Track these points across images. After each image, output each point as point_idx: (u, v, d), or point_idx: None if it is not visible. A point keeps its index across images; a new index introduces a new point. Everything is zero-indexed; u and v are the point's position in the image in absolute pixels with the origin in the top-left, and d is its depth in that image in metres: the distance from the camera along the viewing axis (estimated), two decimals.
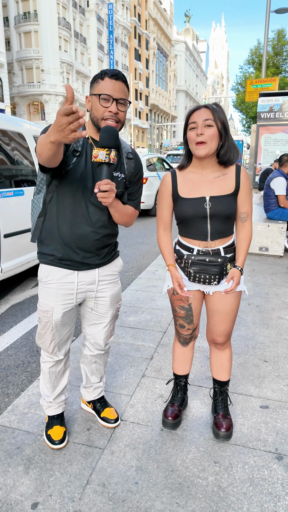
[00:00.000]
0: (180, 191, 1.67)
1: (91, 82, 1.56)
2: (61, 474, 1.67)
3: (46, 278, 1.68)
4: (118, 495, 1.57)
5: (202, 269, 1.68)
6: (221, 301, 1.77)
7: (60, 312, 1.69)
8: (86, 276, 1.70)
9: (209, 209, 1.61)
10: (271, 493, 1.59)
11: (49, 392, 1.85)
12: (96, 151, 1.42)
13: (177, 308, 1.85)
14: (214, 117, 1.53)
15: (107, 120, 1.48)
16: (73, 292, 1.70)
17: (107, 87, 1.46)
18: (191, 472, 1.69)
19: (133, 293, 3.90)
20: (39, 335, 1.77)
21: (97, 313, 1.81)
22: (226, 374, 1.93)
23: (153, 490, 1.60)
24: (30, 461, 1.74)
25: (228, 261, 1.70)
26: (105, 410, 1.98)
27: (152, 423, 1.99)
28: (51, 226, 1.63)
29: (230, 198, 1.62)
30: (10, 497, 1.56)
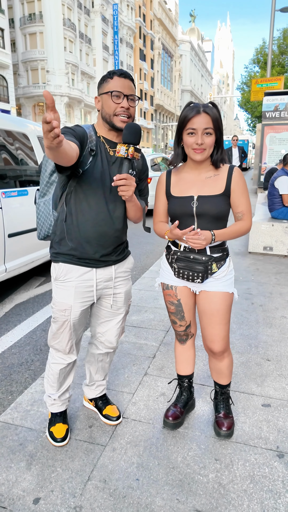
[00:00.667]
0: (172, 190, 1.72)
1: (99, 83, 1.60)
2: (62, 470, 1.69)
3: (64, 277, 1.68)
4: (119, 491, 1.58)
5: (186, 265, 1.70)
6: (207, 301, 1.74)
7: (78, 310, 1.71)
8: (104, 273, 1.72)
9: (195, 207, 1.63)
10: (271, 490, 1.59)
11: (54, 390, 1.86)
12: (119, 147, 1.46)
13: (168, 304, 1.86)
14: (214, 125, 1.55)
15: (119, 115, 1.54)
16: (93, 289, 1.71)
17: (117, 85, 1.52)
18: (192, 469, 1.70)
19: (136, 292, 3.91)
20: (55, 335, 1.75)
21: (111, 310, 1.82)
22: (226, 379, 1.90)
23: (153, 487, 1.61)
24: (32, 457, 1.76)
25: (214, 260, 1.69)
26: (107, 408, 2.00)
27: (154, 420, 2.00)
28: (70, 226, 1.64)
29: (219, 199, 1.63)
30: (12, 492, 1.58)
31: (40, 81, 34.64)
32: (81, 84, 36.70)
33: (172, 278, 1.80)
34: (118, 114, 1.53)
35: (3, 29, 27.75)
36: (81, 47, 37.22)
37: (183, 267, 1.72)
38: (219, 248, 1.71)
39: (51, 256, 1.73)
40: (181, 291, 1.80)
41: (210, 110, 1.55)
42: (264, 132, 11.48)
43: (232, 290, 1.76)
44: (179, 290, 1.80)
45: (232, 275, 1.76)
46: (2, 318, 3.48)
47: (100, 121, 1.61)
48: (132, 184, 1.47)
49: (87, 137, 1.57)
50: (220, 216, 1.65)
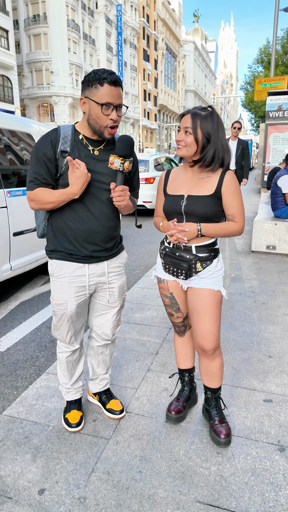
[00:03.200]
0: (168, 188, 1.78)
1: (87, 82, 1.54)
2: (67, 463, 1.72)
3: (58, 273, 1.75)
4: (122, 483, 1.61)
5: (172, 261, 1.76)
6: (194, 298, 1.77)
7: (74, 304, 1.77)
8: (96, 269, 1.77)
9: (183, 206, 1.68)
10: (272, 482, 1.61)
11: (66, 379, 1.95)
12: (112, 158, 1.55)
13: (162, 297, 1.91)
14: (193, 125, 1.58)
15: (108, 127, 1.57)
16: (85, 284, 1.77)
17: (108, 94, 1.51)
18: (194, 462, 1.72)
19: (140, 290, 3.94)
20: (55, 327, 1.84)
21: (106, 303, 1.87)
22: (218, 382, 1.87)
23: (156, 479, 1.63)
24: (37, 450, 1.79)
25: (199, 260, 1.71)
26: (110, 402, 2.03)
27: (157, 415, 2.03)
28: (59, 224, 1.71)
29: (207, 199, 1.65)
30: (18, 483, 1.61)
31: (44, 82, 34.77)
32: None
33: (162, 272, 1.86)
34: (107, 126, 1.56)
35: (7, 31, 27.89)
36: (85, 48, 37.33)
37: (169, 262, 1.78)
38: (206, 248, 1.72)
39: (46, 253, 1.80)
40: (172, 285, 1.85)
41: (194, 112, 1.59)
42: (268, 131, 11.47)
43: (219, 288, 1.74)
44: (170, 283, 1.85)
45: (219, 274, 1.75)
46: (7, 315, 3.52)
47: (86, 124, 1.62)
48: (127, 194, 1.60)
49: (58, 141, 1.60)
50: (208, 216, 1.67)
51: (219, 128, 1.60)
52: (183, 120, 1.63)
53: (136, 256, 5.73)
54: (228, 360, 2.58)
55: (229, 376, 2.38)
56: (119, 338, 2.88)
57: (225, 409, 2.00)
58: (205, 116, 1.59)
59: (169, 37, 62.86)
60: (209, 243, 1.72)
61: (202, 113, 1.59)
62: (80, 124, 1.66)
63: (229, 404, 2.12)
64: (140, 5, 48.50)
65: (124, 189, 1.58)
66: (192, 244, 1.71)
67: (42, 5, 33.41)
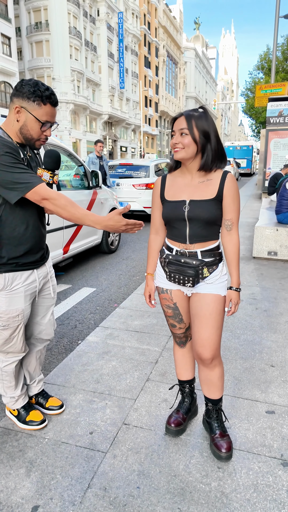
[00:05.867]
0: (166, 194, 1.71)
1: (26, 94, 1.57)
2: (62, 477, 1.66)
3: (11, 285, 1.72)
4: (119, 500, 1.55)
5: (177, 269, 1.69)
6: (198, 304, 1.72)
7: (28, 310, 1.81)
8: (42, 271, 1.86)
9: (187, 212, 1.63)
10: (275, 499, 1.55)
11: (13, 389, 1.95)
12: (40, 171, 1.70)
13: (164, 308, 1.85)
14: (188, 126, 1.54)
15: (40, 140, 1.67)
16: (36, 289, 1.84)
17: (48, 114, 1.62)
18: (194, 477, 1.66)
19: (139, 297, 3.88)
20: (7, 341, 1.80)
21: (49, 303, 1.96)
22: (218, 392, 1.81)
23: (154, 495, 1.57)
24: (32, 464, 1.73)
25: (205, 265, 1.66)
26: (49, 400, 2.09)
27: (156, 427, 1.97)
28: (10, 236, 1.67)
29: (210, 203, 1.61)
30: (11, 499, 1.55)
31: None
32: (86, 91, 36.97)
33: (165, 282, 1.79)
34: (40, 139, 1.67)
35: (10, 38, 28.10)
36: (87, 54, 37.55)
37: (174, 270, 1.71)
38: (212, 253, 1.68)
39: None
40: (176, 294, 1.78)
41: (187, 113, 1.56)
42: (269, 137, 11.47)
43: (225, 293, 1.72)
44: (174, 293, 1.78)
45: (225, 279, 1.72)
46: None
47: (16, 132, 1.64)
48: None
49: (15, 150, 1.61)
50: (212, 220, 1.63)
51: (214, 126, 1.57)
52: (177, 123, 1.58)
53: (135, 262, 5.68)
54: (229, 369, 2.52)
55: (230, 386, 2.32)
56: (117, 346, 2.83)
57: (226, 421, 1.94)
58: (199, 116, 1.55)
59: (170, 44, 63.31)
60: (213, 247, 1.68)
61: (195, 114, 1.55)
62: (11, 131, 1.65)
63: (230, 416, 2.06)
64: (141, 12, 48.89)
65: None
66: (197, 249, 1.66)
67: (44, 13, 33.68)
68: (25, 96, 1.57)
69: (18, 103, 1.59)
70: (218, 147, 1.59)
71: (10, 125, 1.64)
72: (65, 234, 4.48)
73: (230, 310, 1.71)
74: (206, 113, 1.57)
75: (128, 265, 5.48)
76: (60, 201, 1.55)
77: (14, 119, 1.62)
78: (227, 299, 1.71)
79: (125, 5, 44.34)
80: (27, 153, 1.71)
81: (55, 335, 3.23)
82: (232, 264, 1.72)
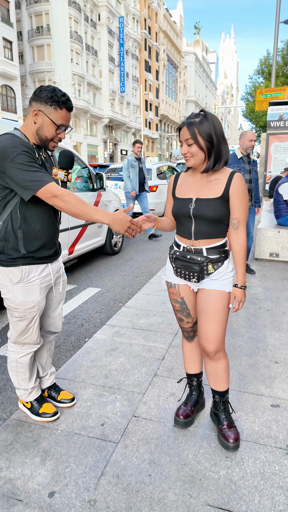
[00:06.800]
0: (177, 191, 1.81)
1: (44, 99, 1.67)
2: (76, 466, 1.72)
3: (27, 278, 1.80)
4: (132, 486, 1.61)
5: (183, 265, 1.77)
6: (203, 299, 1.78)
7: (43, 303, 1.89)
8: (55, 266, 1.94)
9: (192, 209, 1.70)
10: (282, 486, 1.62)
11: (27, 381, 2.02)
12: (56, 171, 1.81)
13: (173, 302, 1.92)
14: (192, 135, 1.61)
15: (54, 142, 1.76)
16: (51, 282, 1.93)
17: (64, 118, 1.72)
18: (203, 466, 1.73)
19: (144, 296, 3.95)
20: (23, 332, 1.88)
21: (59, 297, 2.04)
22: (225, 384, 1.87)
23: (166, 482, 1.64)
24: (46, 453, 1.80)
25: (211, 262, 1.73)
26: (60, 394, 2.16)
27: (165, 419, 2.03)
28: (26, 232, 1.75)
29: (216, 202, 1.68)
30: (28, 486, 1.62)
31: None
32: (87, 95, 37.20)
33: (173, 277, 1.86)
34: (54, 140, 1.75)
35: (11, 42, 28.33)
36: (88, 58, 37.81)
37: (180, 266, 1.79)
38: (217, 250, 1.74)
39: (5, 262, 1.78)
40: (183, 289, 1.85)
41: (188, 123, 1.62)
42: (269, 141, 11.58)
43: (230, 290, 1.77)
44: (181, 288, 1.86)
45: (230, 276, 1.78)
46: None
47: (33, 133, 1.73)
48: None
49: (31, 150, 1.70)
50: (217, 219, 1.69)
51: (216, 127, 1.62)
52: (182, 134, 1.66)
53: (139, 263, 5.75)
54: (234, 365, 2.59)
55: (235, 382, 2.39)
56: (124, 343, 2.90)
57: (233, 413, 2.01)
58: (200, 122, 1.61)
59: (171, 48, 63.71)
60: (219, 244, 1.74)
61: (196, 120, 1.61)
62: (28, 132, 1.74)
63: (237, 409, 2.13)
64: (142, 17, 49.25)
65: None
66: (203, 247, 1.73)
67: (46, 17, 33.96)
68: (43, 101, 1.68)
69: (36, 107, 1.69)
70: (222, 148, 1.65)
71: (28, 127, 1.73)
72: (70, 235, 4.56)
73: (234, 307, 1.78)
74: (207, 115, 1.62)
75: (132, 266, 5.55)
76: (70, 198, 1.63)
77: (32, 121, 1.71)
78: (231, 296, 1.77)
79: (125, 10, 44.69)
80: (42, 154, 1.81)
81: (62, 333, 3.29)
82: (237, 263, 1.79)
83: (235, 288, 1.77)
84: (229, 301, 1.78)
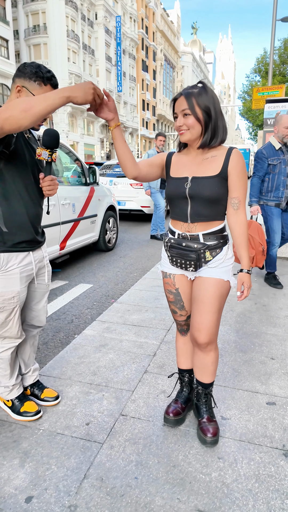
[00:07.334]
0: (171, 171, 1.66)
1: (28, 74, 1.57)
2: (57, 468, 1.60)
3: (6, 266, 1.67)
4: (117, 490, 1.50)
5: (179, 253, 1.65)
6: (199, 287, 1.65)
7: (24, 293, 1.76)
8: (37, 255, 1.81)
9: (188, 189, 1.57)
10: (278, 489, 1.50)
11: (8, 378, 1.90)
12: (39, 150, 1.64)
13: (167, 293, 1.80)
14: (189, 105, 1.49)
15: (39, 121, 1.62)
16: (33, 272, 1.79)
17: None
18: (194, 467, 1.61)
19: (137, 292, 3.84)
20: (2, 325, 1.76)
21: (44, 289, 1.92)
22: (210, 377, 1.77)
23: (153, 485, 1.52)
24: (26, 455, 1.68)
25: (208, 248, 1.61)
26: (44, 391, 2.04)
27: (154, 418, 1.92)
28: (5, 212, 1.63)
29: (213, 180, 1.55)
30: (4, 490, 1.50)
31: None
32: None
33: (169, 266, 1.74)
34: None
35: (7, 40, 28.14)
36: (85, 58, 37.64)
37: (175, 254, 1.67)
38: (215, 236, 1.61)
39: None
40: (179, 279, 1.73)
41: (186, 92, 1.50)
42: (266, 139, 11.47)
43: (228, 278, 1.65)
44: (177, 278, 1.74)
45: (230, 263, 1.66)
46: None
47: None
48: (56, 183, 1.73)
49: None
50: (215, 199, 1.56)
51: (214, 100, 1.51)
52: (178, 104, 1.53)
53: (134, 259, 5.64)
54: (228, 361, 2.47)
55: (229, 378, 2.28)
56: (115, 339, 2.78)
57: (216, 407, 1.90)
58: (199, 93, 1.49)
59: (168, 48, 63.64)
60: (217, 229, 1.62)
61: (195, 91, 1.50)
62: None
63: (231, 407, 2.01)
64: (139, 17, 49.13)
65: (53, 178, 1.71)
66: (199, 232, 1.61)
67: (43, 16, 33.78)
68: (27, 77, 1.58)
69: (19, 83, 1.60)
70: (219, 123, 1.53)
71: None
72: (61, 230, 4.43)
73: (243, 293, 1.65)
74: (206, 87, 1.51)
75: (126, 263, 5.44)
76: (10, 103, 1.35)
77: (15, 98, 1.60)
78: (238, 282, 1.64)
79: (123, 9, 44.56)
80: (26, 134, 1.70)
81: (50, 329, 3.17)
82: (241, 246, 1.65)
83: (242, 273, 1.64)
84: (226, 290, 1.65)
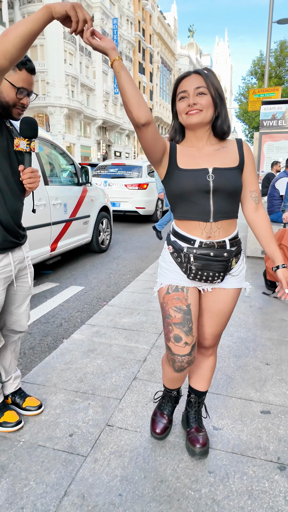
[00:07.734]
0: (179, 161, 1.40)
1: None
2: (36, 484, 1.49)
3: None
4: (99, 508, 1.39)
5: (206, 265, 1.40)
6: (216, 299, 1.51)
7: (2, 297, 1.65)
8: (18, 255, 1.70)
9: (212, 181, 1.35)
10: (272, 507, 1.40)
11: None
12: (17, 141, 1.55)
13: (172, 312, 1.46)
14: (207, 83, 1.34)
15: (17, 108, 1.54)
16: (12, 273, 1.67)
17: (25, 80, 1.52)
18: (183, 483, 1.50)
19: (129, 294, 3.73)
20: None
21: (26, 292, 1.80)
22: (206, 384, 1.67)
23: (138, 503, 1.41)
24: (3, 469, 1.56)
25: (234, 255, 1.46)
26: (26, 400, 1.93)
27: (142, 428, 1.81)
28: None
29: (234, 172, 1.39)
30: None
31: (40, 93, 34.81)
32: (80, 96, 36.95)
33: (182, 279, 1.46)
34: (17, 107, 1.55)
35: None
36: (81, 59, 37.59)
37: (201, 267, 1.40)
38: (235, 241, 1.45)
39: None
40: (191, 293, 1.47)
41: (201, 70, 1.38)
42: (262, 140, 11.42)
43: (244, 285, 1.55)
44: (190, 291, 1.47)
45: (245, 268, 1.55)
46: None
47: None
48: (38, 176, 1.61)
49: None
50: (236, 193, 1.40)
51: (220, 86, 1.39)
52: (190, 81, 1.34)
53: (127, 261, 5.53)
54: (221, 367, 2.37)
55: (223, 385, 2.17)
56: (104, 344, 2.67)
57: (208, 417, 1.80)
58: (212, 74, 1.37)
59: (165, 50, 63.75)
60: (237, 232, 1.47)
61: (210, 73, 1.37)
62: None
63: (223, 416, 1.91)
64: (136, 19, 49.19)
65: (34, 170, 1.59)
66: (225, 238, 1.41)
67: None
68: None
69: None
70: (226, 110, 1.41)
71: None
72: (52, 231, 4.32)
73: (286, 291, 1.46)
74: (212, 71, 1.40)
75: (119, 264, 5.33)
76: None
77: None
78: (283, 280, 1.44)
79: (119, 12, 44.60)
80: (8, 124, 1.61)
81: (38, 333, 3.06)
82: (271, 241, 1.48)
83: (284, 269, 1.46)
84: (276, 288, 1.55)
